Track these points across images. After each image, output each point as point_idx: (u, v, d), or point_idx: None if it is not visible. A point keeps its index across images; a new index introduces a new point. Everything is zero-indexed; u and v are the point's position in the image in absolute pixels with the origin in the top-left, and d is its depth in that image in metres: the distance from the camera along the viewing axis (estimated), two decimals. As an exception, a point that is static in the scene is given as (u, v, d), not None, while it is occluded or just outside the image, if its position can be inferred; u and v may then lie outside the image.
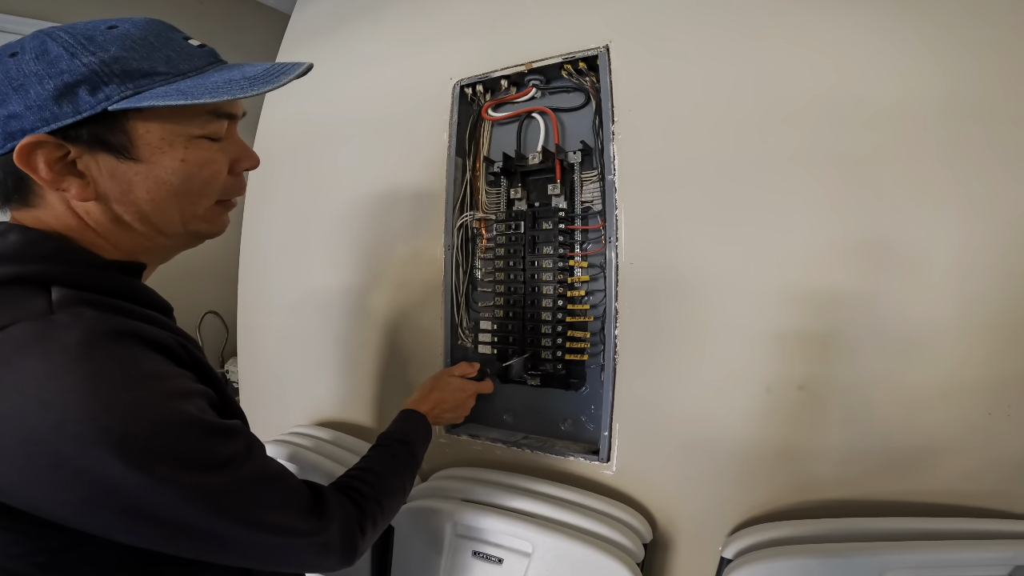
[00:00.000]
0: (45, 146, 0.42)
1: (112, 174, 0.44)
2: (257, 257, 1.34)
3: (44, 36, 0.42)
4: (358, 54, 1.21)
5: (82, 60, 0.41)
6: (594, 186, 0.93)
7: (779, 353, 0.76)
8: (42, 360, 0.36)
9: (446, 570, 0.85)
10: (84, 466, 0.36)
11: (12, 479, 0.37)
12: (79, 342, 0.37)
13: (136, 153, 0.44)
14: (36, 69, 0.41)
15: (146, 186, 0.46)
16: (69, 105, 0.41)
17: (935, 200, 0.69)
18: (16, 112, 0.41)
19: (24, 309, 0.39)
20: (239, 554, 0.46)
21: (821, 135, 0.75)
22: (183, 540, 0.43)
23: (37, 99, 0.40)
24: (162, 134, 0.45)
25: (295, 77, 0.48)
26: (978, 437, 0.68)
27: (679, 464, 0.83)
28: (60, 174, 0.43)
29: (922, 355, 0.70)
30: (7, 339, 0.37)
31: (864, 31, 0.73)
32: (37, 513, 0.38)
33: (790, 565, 0.67)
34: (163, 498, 0.39)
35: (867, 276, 0.72)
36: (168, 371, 0.43)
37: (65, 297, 0.41)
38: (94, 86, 0.41)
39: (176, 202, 0.48)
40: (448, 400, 0.85)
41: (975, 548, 0.63)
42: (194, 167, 0.47)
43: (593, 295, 0.92)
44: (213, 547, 0.45)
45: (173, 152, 0.46)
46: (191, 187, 0.48)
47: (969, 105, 0.68)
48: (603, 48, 0.89)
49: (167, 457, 0.39)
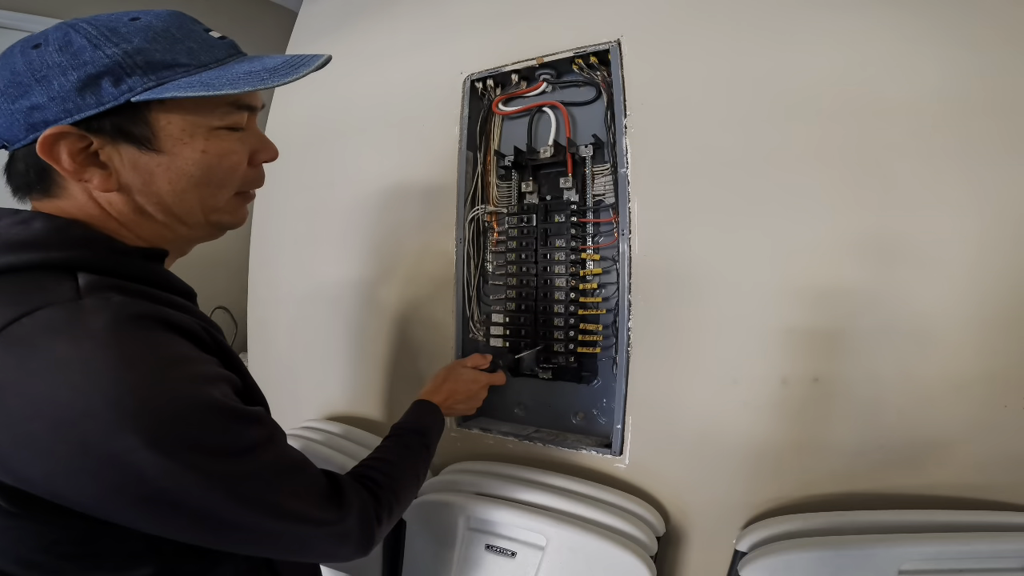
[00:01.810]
0: (68, 137, 0.42)
1: (134, 165, 0.45)
2: (268, 251, 1.34)
3: (67, 27, 0.42)
4: (368, 49, 1.21)
5: (105, 51, 0.41)
6: (605, 179, 0.93)
7: (792, 346, 0.76)
8: (71, 345, 0.37)
9: (459, 564, 0.85)
10: (110, 451, 0.36)
11: (37, 466, 0.37)
12: (107, 327, 0.38)
13: (158, 144, 0.45)
14: (59, 60, 0.41)
15: (167, 177, 0.46)
16: (92, 96, 0.41)
17: (947, 194, 0.69)
18: (39, 103, 0.41)
19: (52, 294, 0.39)
20: (257, 542, 0.46)
21: (834, 130, 0.74)
22: (202, 527, 0.42)
23: (60, 90, 0.41)
24: (183, 125, 0.45)
25: (315, 69, 0.48)
26: (993, 430, 0.68)
27: (692, 457, 0.83)
28: (83, 165, 0.43)
29: (935, 348, 0.70)
30: (35, 323, 0.37)
31: (878, 26, 0.73)
32: (60, 501, 0.38)
33: (806, 557, 0.67)
34: (185, 483, 0.39)
35: (879, 270, 0.72)
36: (194, 356, 0.43)
37: (92, 282, 0.41)
38: (117, 77, 0.41)
39: (197, 193, 0.48)
40: (461, 391, 0.85)
41: (990, 540, 0.63)
42: (215, 158, 0.48)
43: (605, 288, 0.92)
44: (232, 535, 0.44)
45: (194, 143, 0.46)
46: (212, 178, 0.48)
47: (979, 100, 0.68)
48: (615, 42, 0.89)
49: (191, 442, 0.39)
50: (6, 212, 0.44)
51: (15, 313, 0.37)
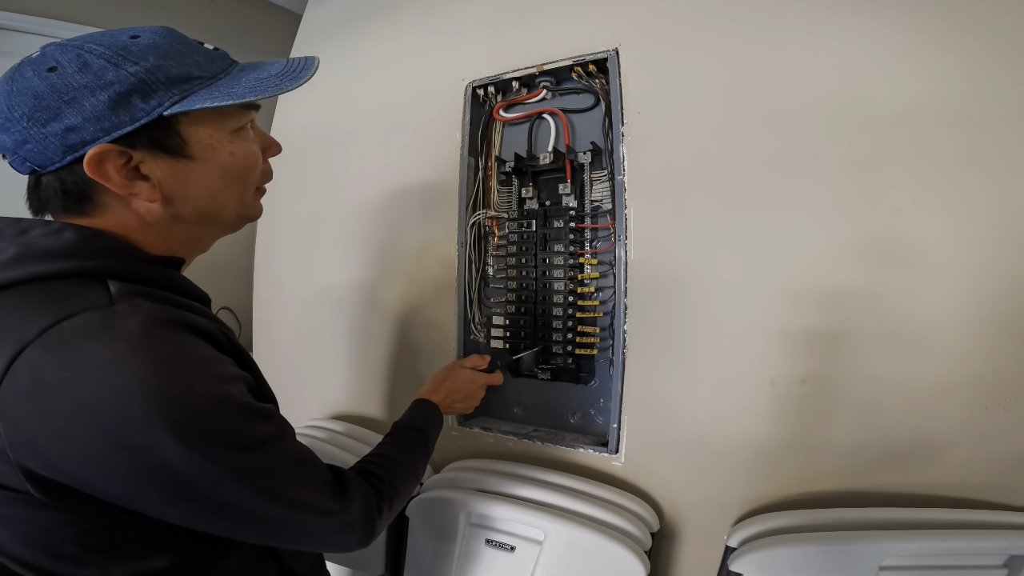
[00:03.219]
0: (111, 155, 0.44)
1: (172, 173, 0.48)
2: (273, 254, 1.36)
3: (77, 50, 0.44)
4: (370, 55, 1.23)
5: (128, 70, 0.43)
6: (603, 186, 0.95)
7: (784, 349, 0.78)
8: (106, 347, 0.39)
9: (459, 558, 0.88)
10: (142, 445, 0.39)
11: (73, 458, 0.40)
12: (139, 330, 0.41)
13: (190, 152, 0.48)
14: (84, 81, 0.42)
15: (203, 181, 0.50)
16: (126, 114, 0.43)
17: (940, 199, 0.71)
18: (74, 124, 0.42)
19: (86, 300, 0.42)
20: (269, 530, 0.49)
21: (827, 137, 0.77)
22: (220, 516, 0.46)
23: (93, 111, 0.42)
24: (210, 132, 0.49)
25: (313, 74, 0.53)
26: (976, 431, 0.71)
27: (686, 456, 0.85)
28: (130, 179, 0.46)
29: (922, 351, 0.72)
30: (73, 327, 0.40)
31: (870, 36, 0.75)
32: (90, 491, 0.41)
33: (791, 553, 0.70)
34: (207, 475, 0.42)
35: (870, 274, 0.74)
36: (215, 357, 0.46)
37: (122, 290, 0.44)
38: (145, 94, 0.44)
39: (229, 192, 0.52)
40: (459, 391, 0.87)
41: (971, 537, 0.66)
42: (241, 158, 0.52)
43: (603, 291, 0.95)
44: (247, 524, 0.47)
45: (222, 147, 0.50)
46: (240, 176, 0.53)
47: (971, 107, 0.70)
48: (613, 51, 0.91)
49: (214, 437, 0.42)
50: (37, 223, 0.46)
51: (54, 317, 0.40)
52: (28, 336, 0.39)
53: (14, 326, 0.40)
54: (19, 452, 0.39)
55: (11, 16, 1.59)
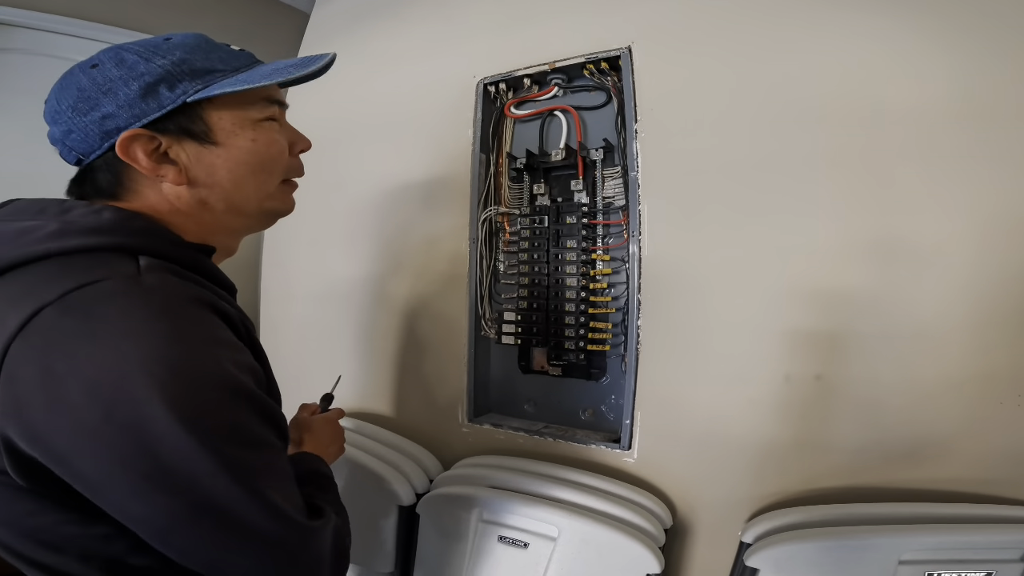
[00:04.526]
0: (140, 139, 0.47)
1: (198, 159, 0.51)
2: (282, 250, 1.36)
3: (117, 49, 0.49)
4: (379, 52, 1.23)
5: (156, 63, 0.48)
6: (615, 182, 0.95)
7: (798, 344, 0.78)
8: (122, 313, 0.39)
9: (471, 555, 0.88)
10: (134, 418, 0.37)
11: (60, 432, 0.37)
12: (160, 302, 0.41)
13: (215, 137, 0.51)
14: (119, 74, 0.47)
15: (227, 166, 0.52)
16: (154, 102, 0.47)
17: (946, 199, 0.72)
18: (110, 112, 0.47)
19: (114, 269, 0.42)
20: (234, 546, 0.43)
21: (839, 136, 0.77)
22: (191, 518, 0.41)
23: (126, 99, 0.47)
24: (232, 119, 0.52)
25: (328, 63, 0.56)
26: (990, 426, 0.71)
27: (698, 452, 0.85)
28: (157, 162, 0.49)
29: (935, 347, 0.73)
30: (96, 292, 0.40)
31: (882, 36, 0.76)
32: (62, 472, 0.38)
33: (809, 548, 0.70)
34: (197, 463, 0.39)
35: (881, 272, 0.75)
36: (234, 343, 0.45)
37: (152, 264, 0.44)
38: (171, 83, 0.48)
39: (253, 180, 0.54)
40: (324, 436, 0.78)
41: (988, 532, 0.66)
42: (263, 146, 0.54)
43: (614, 287, 0.95)
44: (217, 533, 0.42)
45: (244, 134, 0.53)
46: (264, 164, 0.54)
47: (975, 107, 0.71)
48: (625, 49, 0.92)
49: (215, 422, 0.40)
50: (79, 204, 0.48)
51: (78, 283, 0.40)
52: (49, 298, 0.39)
53: (40, 289, 0.40)
54: (7, 421, 0.38)
55: (16, 12, 1.59)
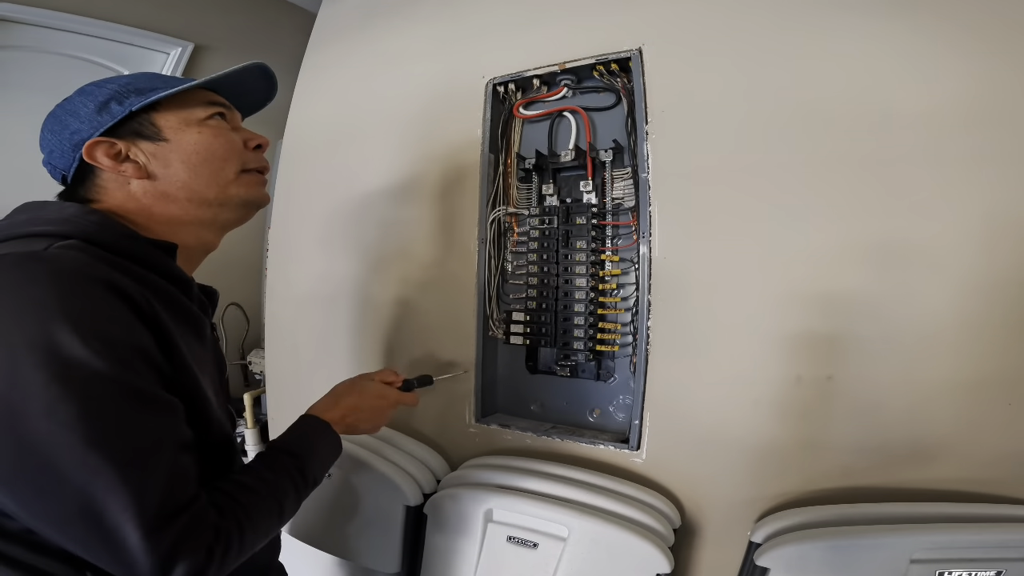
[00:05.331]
0: (102, 145, 0.57)
1: (154, 155, 0.59)
2: (287, 250, 1.36)
3: (82, 86, 0.61)
4: (387, 52, 1.23)
5: (107, 88, 0.60)
6: (625, 183, 0.96)
7: (809, 345, 0.79)
8: (7, 274, 0.44)
9: (480, 555, 0.87)
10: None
11: None
12: (50, 268, 0.45)
13: (165, 135, 0.60)
14: (80, 100, 0.59)
15: (180, 158, 0.60)
16: (107, 115, 0.58)
17: (956, 202, 0.73)
18: (76, 128, 0.58)
19: (31, 246, 0.47)
20: (63, 515, 0.43)
21: (851, 137, 0.78)
22: (21, 463, 0.42)
23: (86, 115, 0.58)
24: (178, 119, 0.61)
25: (247, 67, 0.65)
26: (998, 427, 0.72)
27: (706, 452, 0.85)
28: (118, 161, 0.58)
29: (944, 349, 0.73)
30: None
31: (892, 40, 0.77)
32: None
33: (820, 547, 0.70)
34: (39, 397, 0.41)
35: (889, 274, 0.75)
36: (124, 320, 0.47)
37: (67, 244, 0.48)
38: (120, 99, 0.59)
39: (207, 168, 0.61)
40: (365, 407, 0.75)
41: (998, 531, 0.66)
42: (209, 137, 0.62)
43: (624, 288, 0.95)
44: (41, 484, 0.42)
45: (191, 129, 0.61)
46: (214, 152, 0.62)
47: (988, 112, 0.72)
48: (636, 50, 0.92)
49: (78, 384, 0.42)
50: (54, 203, 0.56)
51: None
52: None
53: None
54: None
55: (21, 8, 1.58)
